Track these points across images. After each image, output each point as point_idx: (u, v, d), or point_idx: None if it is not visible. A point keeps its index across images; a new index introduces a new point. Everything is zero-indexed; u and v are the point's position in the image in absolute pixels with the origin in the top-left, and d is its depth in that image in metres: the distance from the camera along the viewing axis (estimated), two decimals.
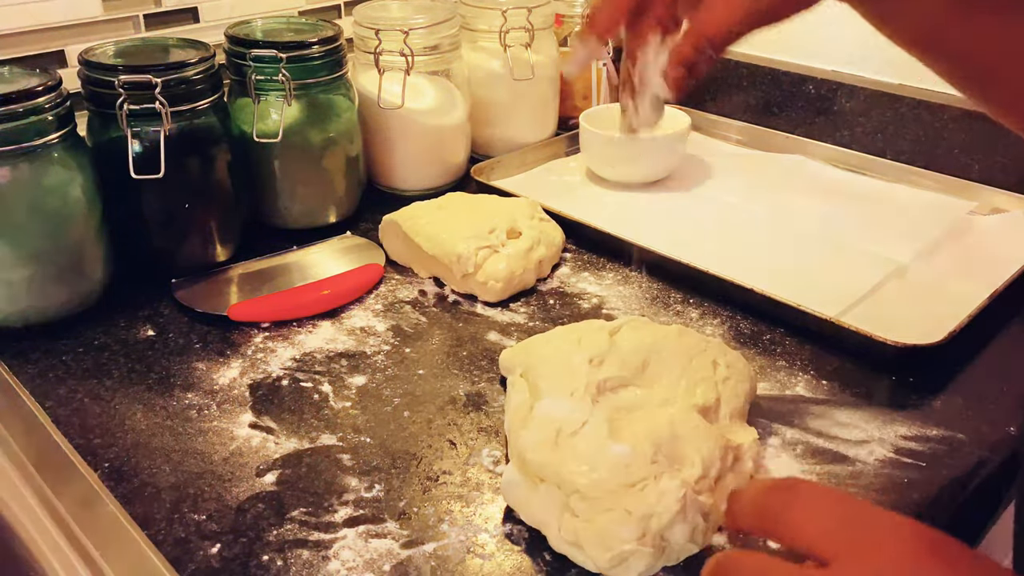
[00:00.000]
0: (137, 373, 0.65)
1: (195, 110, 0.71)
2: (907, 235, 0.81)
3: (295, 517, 0.52)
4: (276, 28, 0.82)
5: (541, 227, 0.78)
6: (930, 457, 0.56)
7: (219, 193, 0.76)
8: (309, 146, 0.80)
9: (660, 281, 0.76)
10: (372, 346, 0.68)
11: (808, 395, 0.62)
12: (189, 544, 0.50)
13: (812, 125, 1.01)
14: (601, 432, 0.50)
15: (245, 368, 0.65)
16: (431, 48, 0.87)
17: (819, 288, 0.72)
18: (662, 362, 0.56)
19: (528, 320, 0.71)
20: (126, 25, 0.85)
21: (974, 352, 0.66)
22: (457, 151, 0.93)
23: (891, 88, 0.95)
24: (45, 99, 0.64)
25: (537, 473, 0.49)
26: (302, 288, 0.73)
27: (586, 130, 0.92)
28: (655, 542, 0.46)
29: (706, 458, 0.49)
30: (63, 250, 0.67)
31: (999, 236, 0.81)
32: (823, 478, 0.54)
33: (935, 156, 0.93)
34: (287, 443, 0.58)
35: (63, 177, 0.66)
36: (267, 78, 0.76)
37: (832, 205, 0.87)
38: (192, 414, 0.60)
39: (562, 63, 1.00)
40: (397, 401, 0.62)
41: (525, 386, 0.56)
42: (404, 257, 0.79)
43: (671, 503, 0.47)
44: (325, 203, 0.84)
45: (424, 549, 0.50)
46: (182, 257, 0.75)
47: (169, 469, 0.55)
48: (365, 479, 0.55)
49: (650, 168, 0.93)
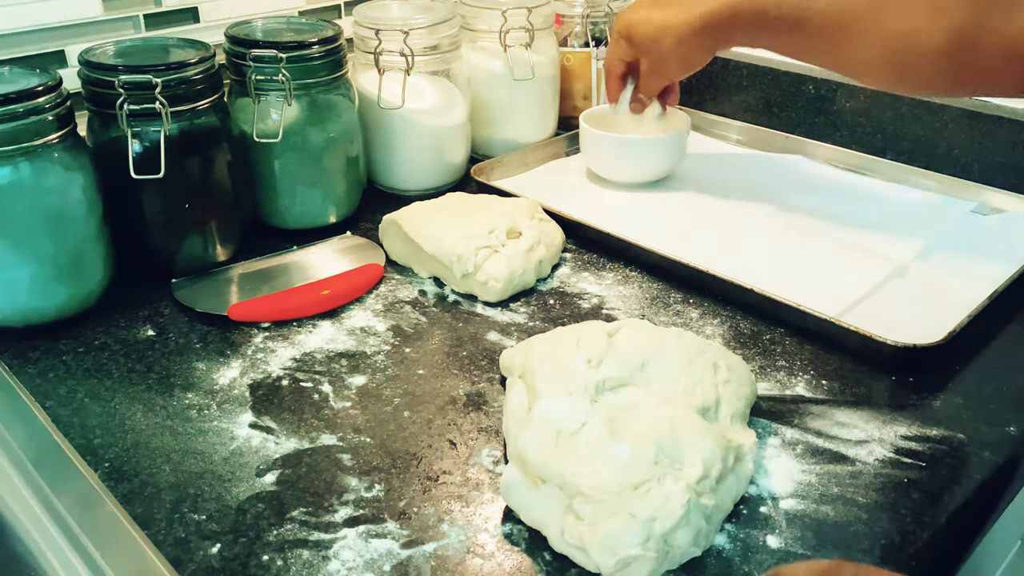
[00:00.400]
0: (137, 373, 0.65)
1: (195, 110, 0.71)
2: (907, 235, 0.81)
3: (295, 517, 0.52)
4: (276, 28, 0.82)
5: (541, 227, 0.78)
6: (930, 457, 0.56)
7: (219, 193, 0.76)
8: (309, 146, 0.80)
9: (660, 281, 0.76)
10: (372, 346, 0.68)
11: (808, 395, 0.62)
12: (189, 544, 0.50)
13: (812, 125, 1.01)
14: (601, 433, 0.50)
15: (245, 368, 0.65)
16: (431, 48, 0.87)
17: (819, 288, 0.72)
18: (661, 363, 0.56)
19: (528, 320, 0.71)
20: (126, 25, 0.85)
21: (974, 352, 0.66)
22: (457, 151, 0.93)
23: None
24: (45, 99, 0.64)
25: (538, 474, 0.49)
26: (302, 288, 0.73)
27: (586, 130, 0.92)
28: (659, 546, 0.46)
29: (707, 459, 0.49)
30: (63, 250, 0.67)
31: (999, 236, 0.81)
32: (823, 478, 0.54)
33: (935, 156, 0.93)
34: (287, 443, 0.58)
35: (63, 177, 0.66)
36: (267, 78, 0.76)
37: (832, 205, 0.88)
38: (192, 414, 0.60)
39: (563, 62, 1.00)
40: (397, 401, 0.62)
41: (523, 388, 0.56)
42: (404, 257, 0.79)
43: (675, 507, 0.46)
44: (325, 203, 0.84)
45: (424, 549, 0.50)
46: (182, 257, 0.75)
47: (169, 469, 0.55)
48: (365, 479, 0.55)
49: (650, 168, 0.93)
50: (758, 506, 0.53)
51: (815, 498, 0.53)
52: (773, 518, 0.52)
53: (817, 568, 0.40)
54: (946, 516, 0.52)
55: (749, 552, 0.49)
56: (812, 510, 0.52)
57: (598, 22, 1.03)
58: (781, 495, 0.53)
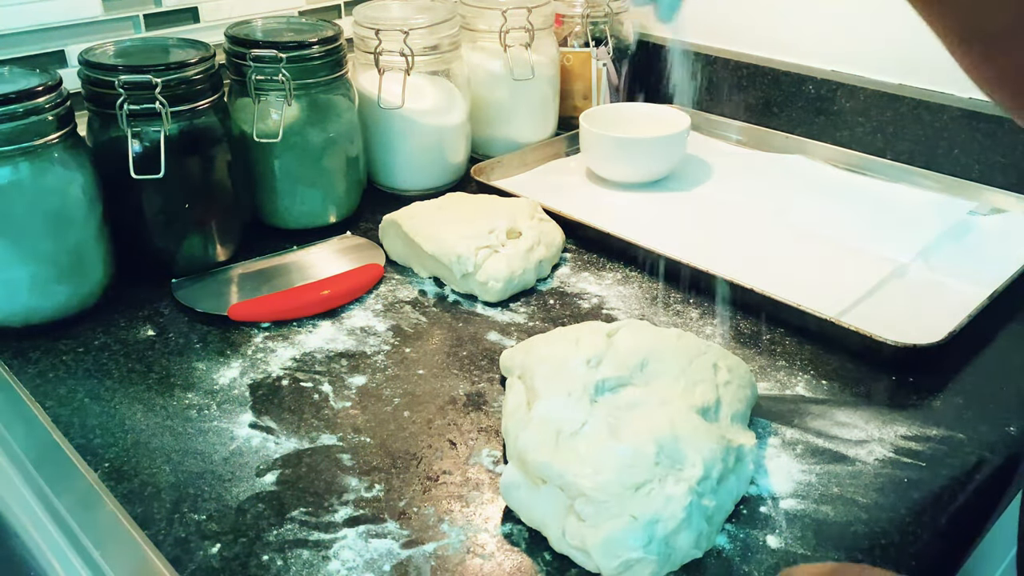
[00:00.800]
0: (137, 373, 0.65)
1: (195, 110, 0.71)
2: (907, 235, 0.81)
3: (295, 517, 0.52)
4: (276, 28, 0.82)
5: (541, 227, 0.78)
6: (930, 457, 0.56)
7: (219, 193, 0.76)
8: (309, 146, 0.80)
9: (660, 281, 0.76)
10: (372, 346, 0.68)
11: (808, 395, 0.62)
12: (189, 544, 0.50)
13: (812, 125, 1.01)
14: (601, 432, 0.50)
15: (245, 368, 0.65)
16: (431, 48, 0.87)
17: (819, 288, 0.72)
18: (660, 363, 0.56)
19: (528, 320, 0.71)
20: (126, 25, 0.85)
21: (974, 352, 0.66)
22: (457, 151, 0.93)
23: (891, 88, 0.95)
24: (45, 99, 0.64)
25: (538, 474, 0.49)
26: (302, 288, 0.73)
27: (586, 130, 0.92)
28: (661, 549, 0.46)
29: (707, 459, 0.49)
30: (63, 250, 0.67)
31: (999, 236, 0.81)
32: (823, 478, 0.54)
33: (935, 156, 0.93)
34: (287, 443, 0.58)
35: (63, 177, 0.66)
36: (267, 78, 0.76)
37: (832, 205, 0.87)
38: (192, 414, 0.60)
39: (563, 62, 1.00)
40: (397, 401, 0.62)
41: (522, 388, 0.56)
42: (404, 257, 0.79)
43: (677, 510, 0.46)
44: (325, 203, 0.84)
45: (424, 549, 0.50)
46: (182, 257, 0.75)
47: (169, 469, 0.55)
48: (365, 479, 0.55)
49: (650, 168, 0.93)
50: (758, 506, 0.53)
51: (815, 498, 0.53)
52: (773, 518, 0.52)
53: (822, 570, 0.40)
54: (946, 516, 0.52)
55: (749, 552, 0.49)
56: (812, 510, 0.52)
57: (598, 22, 1.03)
58: (781, 495, 0.53)
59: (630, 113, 0.98)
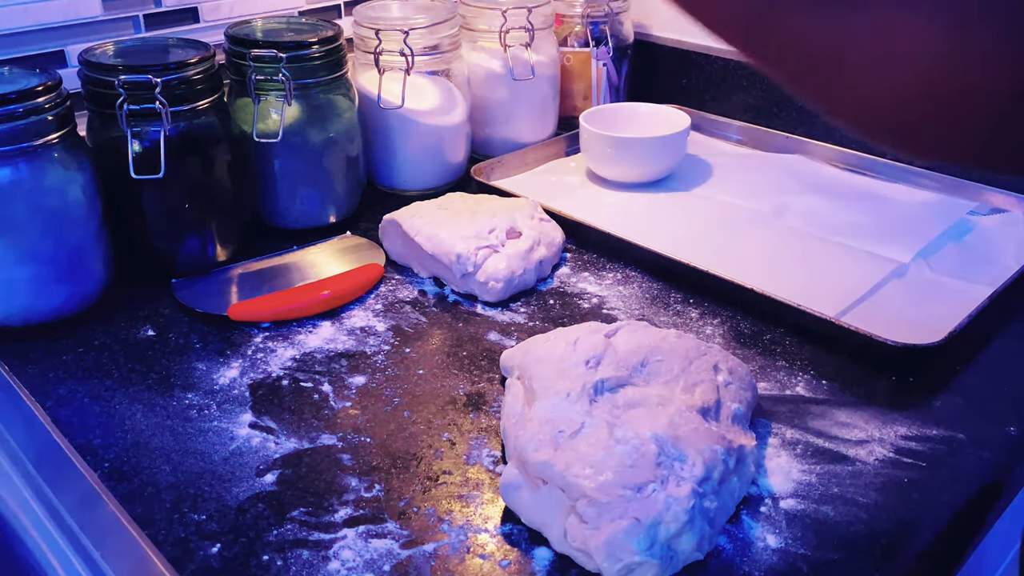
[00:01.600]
0: (137, 373, 0.65)
1: (195, 110, 0.71)
2: (907, 235, 0.81)
3: (295, 517, 0.52)
4: (276, 28, 0.82)
5: (541, 227, 0.78)
6: (930, 457, 0.56)
7: (219, 193, 0.76)
8: (309, 146, 0.80)
9: (660, 281, 0.76)
10: (372, 346, 0.68)
11: (808, 395, 0.62)
12: (189, 544, 0.50)
13: (812, 125, 1.01)
14: (601, 432, 0.50)
15: (245, 368, 0.65)
16: (431, 48, 0.87)
17: (819, 288, 0.72)
18: (660, 364, 0.56)
19: (528, 320, 0.71)
20: (126, 25, 0.85)
21: (974, 352, 0.66)
22: (457, 151, 0.92)
23: None
24: (45, 99, 0.64)
25: (538, 475, 0.49)
26: (302, 288, 0.73)
27: (586, 130, 0.92)
28: (663, 552, 0.46)
29: (708, 460, 0.49)
30: (63, 250, 0.67)
31: (999, 236, 0.81)
32: (823, 478, 0.54)
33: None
34: (287, 443, 0.58)
35: (63, 177, 0.66)
36: (267, 78, 0.76)
37: (832, 205, 0.87)
38: (192, 414, 0.60)
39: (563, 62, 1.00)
40: (397, 401, 0.62)
41: (521, 388, 0.56)
42: (404, 257, 0.79)
43: (680, 513, 0.46)
44: (325, 203, 0.84)
45: (424, 549, 0.50)
46: (182, 257, 0.75)
47: (169, 469, 0.55)
48: (365, 479, 0.55)
49: (650, 168, 0.93)
50: (758, 506, 0.53)
51: (815, 498, 0.53)
52: (773, 518, 0.52)
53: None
54: (946, 516, 0.52)
55: (749, 552, 0.49)
56: (812, 510, 0.52)
57: (598, 22, 1.03)
58: (781, 495, 0.53)
59: (630, 113, 0.98)
